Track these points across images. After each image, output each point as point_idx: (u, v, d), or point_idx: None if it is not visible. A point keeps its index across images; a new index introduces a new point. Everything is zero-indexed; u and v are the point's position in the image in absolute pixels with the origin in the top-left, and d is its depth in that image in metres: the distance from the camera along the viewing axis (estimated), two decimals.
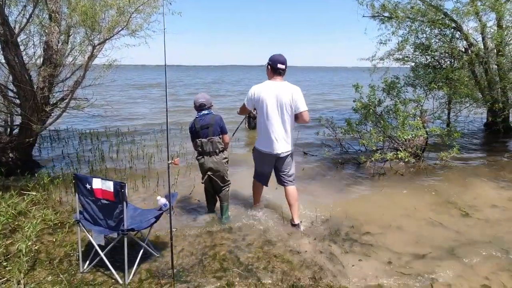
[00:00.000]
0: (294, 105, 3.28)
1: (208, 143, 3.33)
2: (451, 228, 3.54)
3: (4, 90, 4.57)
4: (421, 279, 2.67)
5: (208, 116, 3.38)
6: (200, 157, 3.42)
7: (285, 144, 3.38)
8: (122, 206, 2.47)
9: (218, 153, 3.39)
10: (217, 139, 3.36)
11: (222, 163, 3.44)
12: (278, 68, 3.29)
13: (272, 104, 3.27)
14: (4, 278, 2.57)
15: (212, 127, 3.34)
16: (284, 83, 3.32)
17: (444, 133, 5.47)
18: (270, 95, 3.27)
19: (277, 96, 3.26)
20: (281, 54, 3.36)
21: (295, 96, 3.26)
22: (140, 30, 4.82)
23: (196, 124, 3.37)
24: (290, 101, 3.26)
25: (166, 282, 2.57)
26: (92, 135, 7.85)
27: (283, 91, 3.26)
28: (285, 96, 3.25)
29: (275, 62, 3.29)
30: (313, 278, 2.66)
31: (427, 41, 7.22)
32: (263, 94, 3.29)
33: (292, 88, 3.29)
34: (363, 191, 4.66)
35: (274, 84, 3.30)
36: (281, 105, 3.26)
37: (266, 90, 3.29)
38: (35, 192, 4.09)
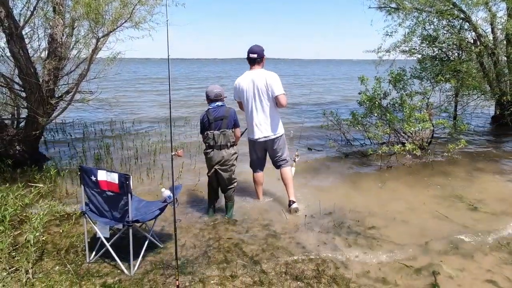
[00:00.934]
0: (270, 90, 3.42)
1: (221, 136, 3.26)
2: (457, 221, 3.52)
3: (10, 83, 4.60)
4: (424, 272, 2.67)
5: (222, 108, 3.31)
6: (209, 150, 3.34)
7: (267, 129, 3.53)
8: (127, 197, 2.49)
9: (229, 147, 3.33)
10: (229, 132, 3.30)
11: (230, 158, 3.34)
12: (250, 58, 3.50)
13: (250, 91, 3.48)
14: (13, 267, 2.62)
15: (226, 119, 3.28)
16: (260, 71, 3.50)
17: (451, 126, 5.41)
18: (247, 83, 3.49)
19: (253, 82, 3.46)
20: (257, 44, 3.54)
21: (269, 81, 3.41)
22: (143, 22, 4.78)
23: (209, 116, 3.28)
24: (265, 86, 3.42)
25: (170, 273, 2.60)
26: (97, 128, 7.90)
27: (258, 77, 3.45)
28: (260, 82, 3.43)
29: (248, 52, 3.51)
30: (317, 270, 2.67)
31: (434, 32, 7.09)
32: (242, 83, 3.53)
33: (267, 74, 3.45)
34: (368, 184, 4.64)
35: (252, 72, 3.51)
36: (258, 92, 3.45)
37: (244, 79, 3.53)
38: (42, 184, 4.15)
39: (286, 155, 3.75)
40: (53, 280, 2.49)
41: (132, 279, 2.52)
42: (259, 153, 3.74)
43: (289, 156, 3.83)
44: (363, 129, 5.88)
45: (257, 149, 3.70)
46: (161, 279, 2.53)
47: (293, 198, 3.68)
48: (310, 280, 2.55)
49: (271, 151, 3.70)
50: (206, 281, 2.52)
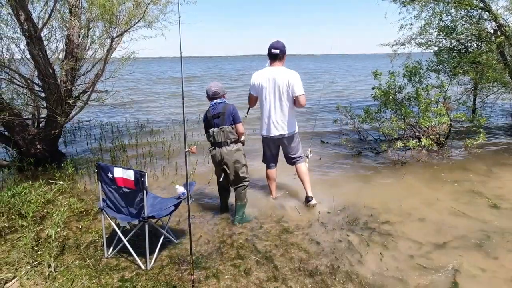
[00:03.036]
0: (291, 89, 3.36)
1: (220, 133, 3.21)
2: (476, 218, 3.42)
3: (30, 84, 4.76)
4: (443, 271, 2.61)
5: (220, 105, 3.26)
6: (212, 148, 3.32)
7: (283, 127, 3.50)
8: (143, 194, 2.54)
9: (230, 144, 3.24)
10: (229, 129, 3.22)
11: (233, 155, 3.26)
12: (272, 53, 3.40)
13: (269, 89, 3.41)
14: (36, 261, 2.73)
15: (223, 116, 3.21)
16: (281, 68, 3.41)
17: (470, 120, 5.24)
18: (267, 80, 3.40)
19: (274, 80, 3.37)
20: (279, 40, 3.45)
21: (291, 81, 3.34)
22: (156, 21, 4.87)
23: (208, 113, 3.28)
24: (286, 85, 3.35)
25: (185, 268, 2.65)
26: (113, 127, 8.08)
27: (280, 76, 3.36)
28: (281, 81, 3.35)
29: (269, 48, 3.42)
30: (331, 266, 2.66)
31: (452, 23, 6.86)
32: (261, 80, 3.44)
33: (289, 73, 3.38)
34: (382, 180, 4.57)
35: (271, 69, 3.43)
36: (278, 90, 3.38)
37: (264, 76, 3.44)
38: (62, 181, 4.29)
39: (300, 152, 3.75)
40: (73, 274, 2.58)
41: (148, 274, 2.58)
42: (273, 150, 3.74)
43: (303, 152, 3.82)
44: (377, 124, 5.78)
45: (271, 146, 3.70)
46: (176, 274, 2.58)
47: (310, 193, 3.69)
48: (324, 276, 2.54)
49: (286, 148, 3.69)
50: (220, 276, 2.55)
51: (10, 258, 2.76)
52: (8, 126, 4.71)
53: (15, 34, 4.84)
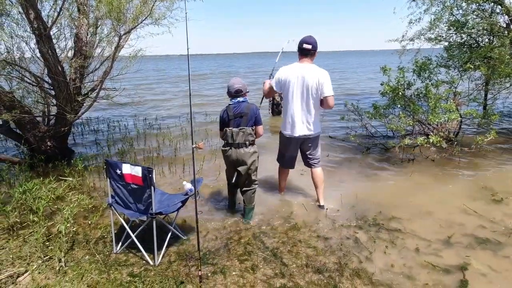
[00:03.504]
0: (320, 89, 3.19)
1: (240, 133, 3.09)
2: (486, 216, 3.37)
3: (41, 82, 4.83)
4: (451, 269, 2.58)
5: (243, 104, 3.12)
6: (227, 147, 3.18)
7: (308, 127, 3.34)
8: (150, 190, 2.56)
9: (248, 146, 3.14)
10: (249, 130, 3.10)
11: (251, 157, 3.16)
12: (304, 48, 3.20)
13: (297, 86, 3.22)
14: (47, 256, 2.78)
15: (246, 116, 3.09)
16: (311, 66, 3.23)
17: (480, 116, 5.14)
18: (296, 77, 3.21)
19: (303, 78, 3.19)
20: (311, 35, 3.23)
21: (321, 80, 3.16)
22: (163, 18, 4.87)
23: (229, 111, 3.11)
24: (316, 84, 3.18)
25: (193, 264, 2.67)
26: (121, 124, 8.16)
27: (310, 74, 3.18)
28: (311, 79, 3.17)
29: (301, 42, 3.21)
30: (339, 263, 2.65)
31: (463, 17, 6.72)
32: (290, 76, 3.24)
33: (319, 72, 3.20)
34: (391, 177, 4.53)
35: (301, 66, 3.23)
36: (307, 88, 3.20)
37: (292, 72, 3.24)
38: (71, 178, 4.35)
39: (319, 154, 3.61)
40: (83, 268, 2.63)
41: (156, 269, 2.61)
42: (293, 151, 3.54)
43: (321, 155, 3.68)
44: (385, 120, 5.71)
45: (293, 147, 3.50)
46: (184, 270, 2.60)
47: (323, 202, 3.57)
48: (332, 273, 2.54)
49: (307, 149, 3.52)
50: (227, 272, 2.56)
51: (22, 252, 2.82)
52: (19, 124, 4.79)
53: (25, 32, 4.91)
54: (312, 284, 2.42)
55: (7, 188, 4.14)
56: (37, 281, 2.46)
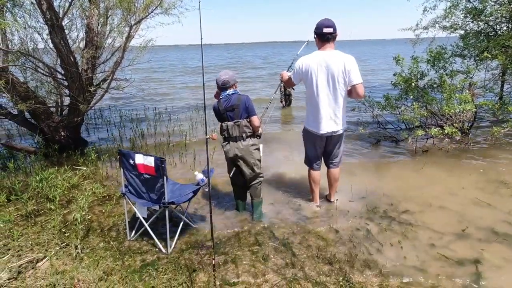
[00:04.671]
0: (348, 77, 2.85)
1: (235, 127, 2.97)
2: (501, 209, 3.31)
3: (54, 73, 4.90)
4: (465, 262, 2.56)
5: (233, 96, 2.98)
6: (225, 143, 3.07)
7: (336, 123, 3.03)
8: (163, 180, 2.60)
9: (245, 139, 3.01)
10: (244, 123, 2.97)
11: (249, 150, 3.03)
12: (325, 33, 2.84)
13: (322, 76, 2.88)
14: (64, 243, 2.86)
15: (238, 108, 2.94)
16: (335, 52, 2.89)
17: (497, 107, 5.00)
18: (319, 66, 2.87)
19: (327, 67, 2.85)
20: (328, 18, 2.89)
21: (348, 67, 2.82)
22: (173, 8, 4.85)
23: (220, 106, 2.98)
24: (342, 72, 2.84)
25: (205, 253, 2.71)
26: (132, 114, 8.24)
27: (335, 61, 2.84)
28: (336, 67, 2.83)
29: (321, 27, 2.85)
30: (349, 255, 2.66)
31: (481, 4, 6.48)
32: (311, 65, 2.90)
33: (344, 57, 2.85)
34: (402, 169, 4.48)
35: (324, 53, 2.88)
36: (333, 77, 2.86)
37: (314, 61, 2.90)
38: (85, 167, 4.44)
39: (341, 153, 3.32)
40: (98, 255, 2.70)
41: (169, 257, 2.66)
42: (319, 148, 3.24)
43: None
44: (397, 112, 5.62)
45: (318, 144, 3.20)
46: (196, 258, 2.65)
47: (333, 199, 3.50)
48: (342, 264, 2.55)
49: (331, 148, 3.21)
50: (238, 262, 2.60)
51: (40, 239, 2.91)
52: (34, 114, 4.89)
53: (38, 23, 4.96)
54: (323, 275, 2.43)
55: (24, 176, 4.25)
56: (55, 267, 2.54)
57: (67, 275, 2.43)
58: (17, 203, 3.54)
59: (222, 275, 2.45)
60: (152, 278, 2.41)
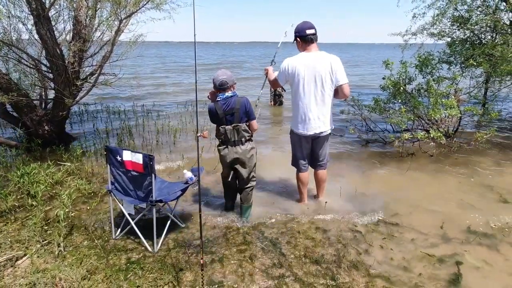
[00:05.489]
0: (334, 78, 2.89)
1: (234, 131, 2.87)
2: (483, 211, 3.40)
3: (38, 65, 4.74)
4: (447, 261, 2.62)
5: (232, 99, 2.85)
6: (222, 146, 2.98)
7: (323, 123, 3.04)
8: (151, 178, 2.55)
9: (244, 143, 2.94)
10: (243, 127, 2.88)
11: (248, 154, 2.97)
12: (307, 35, 2.88)
13: (309, 78, 2.89)
14: (46, 240, 2.77)
15: (238, 112, 2.83)
16: (321, 53, 2.92)
17: (480, 113, 5.15)
18: (306, 67, 2.88)
19: (314, 68, 2.87)
20: (306, 20, 2.95)
21: (334, 67, 2.86)
22: (164, 3, 4.78)
23: (219, 110, 2.84)
24: (329, 73, 2.87)
25: (192, 252, 2.68)
26: (120, 110, 8.08)
27: (321, 62, 2.87)
28: (323, 68, 2.86)
29: (302, 29, 2.89)
30: (337, 255, 2.68)
31: (467, 13, 6.67)
32: (298, 67, 2.91)
33: (330, 58, 2.89)
34: (390, 171, 4.55)
35: (310, 54, 2.90)
36: (320, 78, 2.88)
37: (301, 62, 2.91)
38: (69, 163, 4.32)
39: (327, 154, 3.32)
40: (82, 253, 2.63)
41: (155, 256, 2.61)
42: (306, 150, 3.24)
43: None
44: (385, 115, 5.72)
45: (305, 145, 3.21)
46: (183, 257, 2.61)
47: (322, 198, 3.54)
48: (330, 264, 2.56)
49: (318, 149, 3.22)
50: (226, 261, 2.58)
51: (20, 236, 2.81)
52: (16, 107, 4.73)
53: (22, 13, 4.80)
54: (310, 275, 2.44)
55: (4, 171, 4.10)
56: (36, 265, 2.46)
57: (48, 274, 2.35)
58: None
59: (209, 275, 2.42)
60: (137, 277, 2.36)
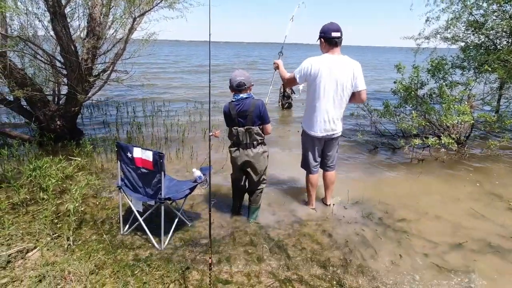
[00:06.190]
0: (354, 83, 2.92)
1: (246, 134, 2.82)
2: (495, 221, 3.34)
3: (53, 61, 4.82)
4: (457, 272, 2.57)
5: (247, 101, 2.78)
6: (234, 148, 2.94)
7: (338, 125, 3.10)
8: (160, 175, 2.56)
9: (256, 146, 2.88)
10: (256, 130, 2.82)
11: (259, 158, 2.91)
12: (332, 37, 2.84)
13: (331, 80, 2.88)
14: (56, 234, 2.81)
15: (251, 114, 2.76)
16: (344, 57, 2.92)
17: (494, 120, 5.05)
18: (329, 70, 2.87)
19: (337, 71, 2.87)
20: (333, 22, 2.89)
21: (356, 73, 2.89)
22: (178, 2, 4.81)
23: (232, 110, 2.80)
24: (351, 78, 2.89)
25: (199, 251, 2.68)
26: (130, 106, 8.16)
27: (344, 67, 2.87)
28: (345, 72, 2.87)
29: (328, 31, 2.84)
30: (344, 259, 2.65)
31: (482, 18, 6.55)
32: (321, 68, 2.87)
33: (353, 64, 2.91)
34: (399, 176, 4.50)
35: (333, 58, 2.88)
36: (341, 82, 2.89)
37: (324, 64, 2.87)
38: (80, 158, 4.38)
39: (337, 155, 3.38)
40: (90, 248, 2.66)
41: (162, 254, 2.63)
42: (318, 151, 3.26)
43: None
44: (396, 119, 5.65)
45: (318, 146, 3.22)
46: (190, 256, 2.62)
47: (329, 202, 3.54)
48: (336, 268, 2.54)
49: (329, 150, 3.25)
50: (232, 261, 2.58)
51: (31, 228, 2.86)
52: (30, 101, 4.81)
53: (39, 10, 4.88)
54: (317, 278, 2.42)
55: (17, 164, 4.18)
56: (45, 258, 2.50)
57: (57, 267, 2.38)
58: (9, 191, 3.48)
59: (216, 274, 2.42)
60: (144, 274, 2.38)
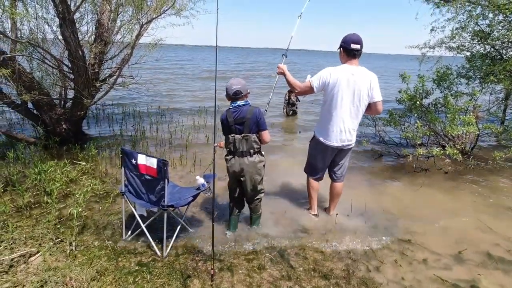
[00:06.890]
0: (371, 94, 2.96)
1: (243, 141, 2.79)
2: (501, 233, 3.29)
3: (60, 65, 4.88)
4: (461, 284, 2.54)
5: (244, 108, 2.76)
6: (230, 156, 2.90)
7: (353, 136, 3.13)
8: (164, 182, 2.57)
9: (252, 155, 2.84)
10: (253, 138, 2.79)
11: (255, 167, 2.87)
12: (352, 49, 2.88)
13: (349, 91, 2.92)
14: (58, 238, 2.82)
15: (248, 121, 2.74)
16: (362, 69, 2.96)
17: (500, 131, 5.01)
18: (347, 81, 2.90)
19: (355, 82, 2.90)
20: (355, 33, 2.96)
21: (373, 84, 2.94)
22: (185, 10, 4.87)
23: (229, 117, 2.77)
24: (368, 89, 2.94)
25: (200, 259, 2.68)
26: (135, 112, 8.22)
27: (361, 78, 2.92)
28: (363, 84, 2.91)
29: (348, 42, 2.89)
30: (346, 270, 2.63)
31: (488, 28, 6.55)
32: (340, 79, 2.90)
33: (370, 75, 2.96)
34: (403, 186, 4.46)
35: (352, 69, 2.93)
36: (358, 93, 2.93)
37: (343, 75, 2.90)
38: (84, 162, 4.41)
39: (347, 166, 3.39)
40: (93, 253, 2.66)
41: (164, 261, 2.62)
42: (327, 161, 3.28)
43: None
44: (400, 128, 5.63)
45: (328, 156, 3.23)
46: (191, 264, 2.61)
47: (333, 212, 3.51)
48: (339, 280, 2.52)
49: (341, 159, 3.28)
50: (234, 270, 2.57)
51: (34, 232, 2.87)
52: (37, 105, 4.87)
53: (48, 15, 4.97)
54: None
55: (22, 167, 4.21)
56: (48, 263, 2.50)
57: (59, 273, 2.39)
58: (13, 194, 3.50)
59: (217, 284, 2.41)
60: (145, 281, 2.38)
